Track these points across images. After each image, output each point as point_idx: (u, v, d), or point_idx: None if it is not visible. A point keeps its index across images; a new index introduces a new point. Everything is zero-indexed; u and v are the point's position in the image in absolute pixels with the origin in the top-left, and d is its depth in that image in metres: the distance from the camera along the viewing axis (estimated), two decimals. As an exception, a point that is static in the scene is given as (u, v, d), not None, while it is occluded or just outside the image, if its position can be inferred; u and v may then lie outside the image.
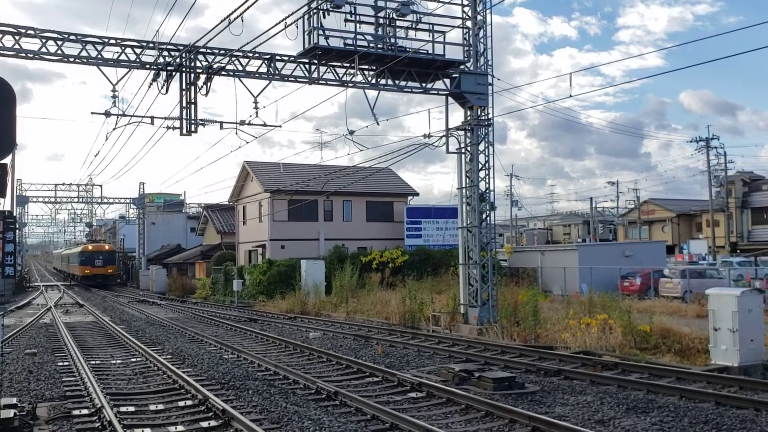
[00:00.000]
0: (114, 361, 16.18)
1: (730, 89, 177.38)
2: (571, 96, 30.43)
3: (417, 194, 45.61)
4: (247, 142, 21.81)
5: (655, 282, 30.11)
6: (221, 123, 20.52)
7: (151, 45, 18.98)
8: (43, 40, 17.86)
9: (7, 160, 5.85)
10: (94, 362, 15.74)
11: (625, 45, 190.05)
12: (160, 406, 11.12)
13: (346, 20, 18.97)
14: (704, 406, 10.70)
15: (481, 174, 21.13)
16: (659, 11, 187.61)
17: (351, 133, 21.32)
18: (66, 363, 15.69)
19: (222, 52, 19.27)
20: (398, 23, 19.77)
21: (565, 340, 17.08)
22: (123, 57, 18.66)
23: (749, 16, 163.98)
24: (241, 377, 13.53)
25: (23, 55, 17.78)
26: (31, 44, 17.85)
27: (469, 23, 21.04)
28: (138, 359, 16.49)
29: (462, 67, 20.94)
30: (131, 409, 10.88)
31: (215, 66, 19.13)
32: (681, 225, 70.89)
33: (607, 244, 57.62)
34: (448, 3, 21.04)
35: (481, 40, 21.02)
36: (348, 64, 19.75)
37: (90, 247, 63.99)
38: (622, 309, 17.93)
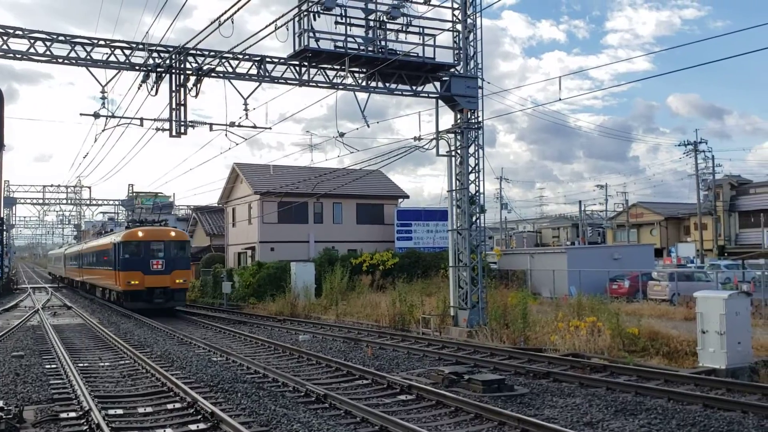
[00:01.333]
0: (102, 364, 16.09)
1: (718, 93, 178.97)
2: (560, 99, 30.59)
3: (407, 197, 45.68)
4: (237, 144, 21.87)
5: (643, 285, 30.25)
6: (211, 125, 20.46)
7: (140, 46, 18.93)
8: (32, 41, 17.77)
9: (-5, 161, 5.75)
10: (82, 365, 15.64)
11: (613, 48, 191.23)
12: (149, 409, 11.07)
13: (336, 22, 19.00)
14: (692, 408, 10.76)
15: (471, 177, 21.18)
16: (647, 15, 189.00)
17: (341, 135, 21.32)
18: (53, 365, 15.57)
19: (212, 53, 19.24)
20: (389, 26, 19.81)
21: (554, 343, 17.14)
22: (112, 58, 18.60)
23: (736, 20, 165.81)
24: (230, 380, 13.49)
25: (11, 55, 17.69)
26: (19, 45, 17.77)
27: (459, 26, 21.11)
28: (126, 362, 16.40)
29: (452, 70, 21.01)
30: (119, 411, 10.81)
31: (205, 67, 19.09)
32: (669, 228, 71.33)
33: (596, 247, 57.86)
34: (439, 6, 21.11)
35: (471, 44, 21.09)
36: (338, 67, 19.77)
37: (141, 234, 31.45)
38: (611, 312, 18.03)
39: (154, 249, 30.82)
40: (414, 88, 21.01)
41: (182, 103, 19.00)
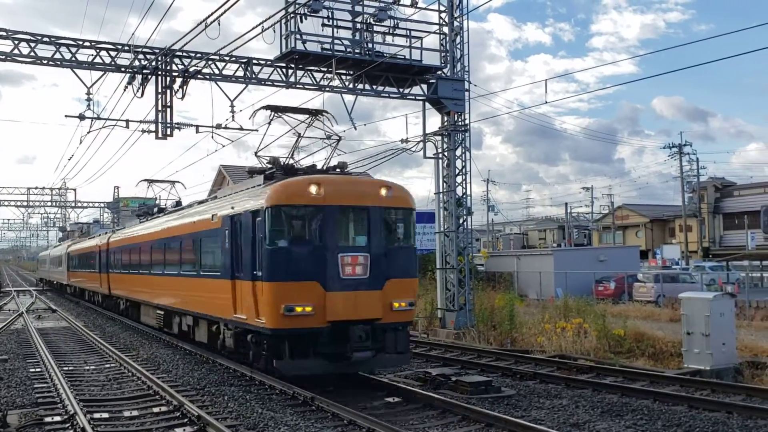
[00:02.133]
0: (87, 367, 15.96)
1: (702, 96, 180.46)
2: (546, 102, 30.85)
3: (394, 199, 45.62)
4: (223, 146, 21.69)
5: (628, 286, 30.47)
6: (197, 126, 20.39)
7: (126, 48, 18.83)
8: (16, 42, 17.64)
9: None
10: (67, 368, 15.50)
11: (598, 51, 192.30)
12: (135, 413, 11.00)
13: (323, 25, 18.98)
14: (677, 409, 10.83)
15: (458, 179, 21.23)
16: (632, 18, 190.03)
17: (328, 137, 21.27)
18: (38, 369, 15.43)
19: (198, 55, 19.19)
20: (375, 28, 19.82)
21: (540, 344, 17.21)
22: (98, 60, 18.50)
23: (720, 24, 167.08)
24: (217, 383, 13.43)
25: (-5, 56, 17.56)
26: (2, 46, 17.63)
27: (446, 29, 21.15)
28: (112, 365, 16.28)
29: (439, 72, 21.04)
30: (105, 415, 10.73)
31: (191, 69, 19.03)
32: (655, 230, 71.83)
33: (583, 249, 58.19)
34: (425, 9, 21.14)
35: (458, 46, 21.15)
36: (325, 69, 19.75)
37: (316, 190, 12.19)
38: (597, 313, 18.14)
39: (345, 228, 13.04)
40: (401, 90, 21.03)
41: (168, 104, 18.93)
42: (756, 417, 10.10)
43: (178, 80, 19.03)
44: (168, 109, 18.95)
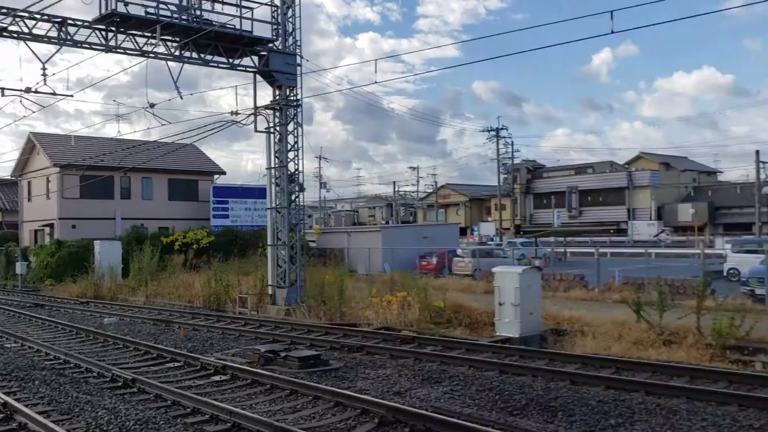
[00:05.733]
0: None
1: (516, 82, 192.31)
2: (376, 82, 31.52)
3: (224, 173, 44.60)
4: (33, 112, 19.95)
5: (449, 261, 32.22)
6: (3, 89, 18.55)
7: None
8: None
9: None
10: None
11: (424, 34, 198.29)
12: (-74, 405, 9.90)
13: (148, -13, 17.96)
14: (489, 374, 11.71)
15: (290, 155, 21.16)
16: (455, 3, 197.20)
17: (152, 106, 20.30)
18: None
19: (4, 11, 17.36)
20: (205, -5, 19.09)
21: (368, 317, 17.75)
22: None
23: (534, 14, 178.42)
24: (26, 367, 12.46)
25: None
26: None
27: (277, 1, 20.86)
28: None
29: (270, 45, 20.74)
30: None
31: (-5, 25, 17.19)
32: (473, 208, 76.45)
33: (408, 226, 60.56)
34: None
35: (290, 20, 20.95)
36: (149, 34, 18.73)
37: None
38: (420, 287, 19.02)
39: None
40: (231, 61, 20.47)
41: (-34, 62, 16.99)
42: (556, 379, 11.20)
43: (-22, 36, 17.13)
44: (-35, 68, 17.01)
